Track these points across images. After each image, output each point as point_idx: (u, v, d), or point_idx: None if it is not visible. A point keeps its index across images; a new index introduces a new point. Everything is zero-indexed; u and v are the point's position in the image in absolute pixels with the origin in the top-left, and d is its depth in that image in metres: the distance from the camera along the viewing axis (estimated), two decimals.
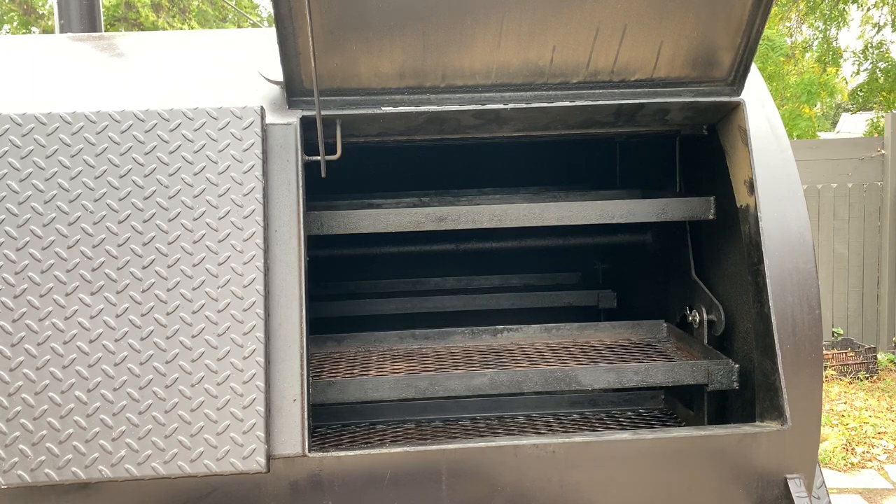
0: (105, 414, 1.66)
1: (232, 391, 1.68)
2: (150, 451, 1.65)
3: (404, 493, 1.75)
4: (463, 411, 2.47)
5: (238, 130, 1.80)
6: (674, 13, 1.81)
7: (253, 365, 1.69)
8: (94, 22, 3.15)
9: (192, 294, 1.72)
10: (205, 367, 1.69)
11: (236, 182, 1.78)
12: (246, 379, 1.69)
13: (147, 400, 1.67)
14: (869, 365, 7.25)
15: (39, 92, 2.05)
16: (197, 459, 1.66)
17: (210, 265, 1.73)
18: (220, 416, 1.67)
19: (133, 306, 1.71)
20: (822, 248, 7.69)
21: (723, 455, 1.81)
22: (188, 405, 1.67)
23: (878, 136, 8.73)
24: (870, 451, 5.63)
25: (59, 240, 1.72)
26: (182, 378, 1.68)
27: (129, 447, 1.65)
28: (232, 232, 1.76)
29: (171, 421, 1.67)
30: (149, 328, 1.70)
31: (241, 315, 1.71)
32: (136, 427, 1.66)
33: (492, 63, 1.88)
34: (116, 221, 1.74)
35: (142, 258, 1.73)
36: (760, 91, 2.13)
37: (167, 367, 1.69)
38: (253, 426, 1.67)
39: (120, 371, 1.68)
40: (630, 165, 2.94)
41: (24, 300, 1.69)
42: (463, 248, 2.92)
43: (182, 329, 1.70)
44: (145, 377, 1.68)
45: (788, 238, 1.92)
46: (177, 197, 1.76)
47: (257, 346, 1.70)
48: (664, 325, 2.47)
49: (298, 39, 1.77)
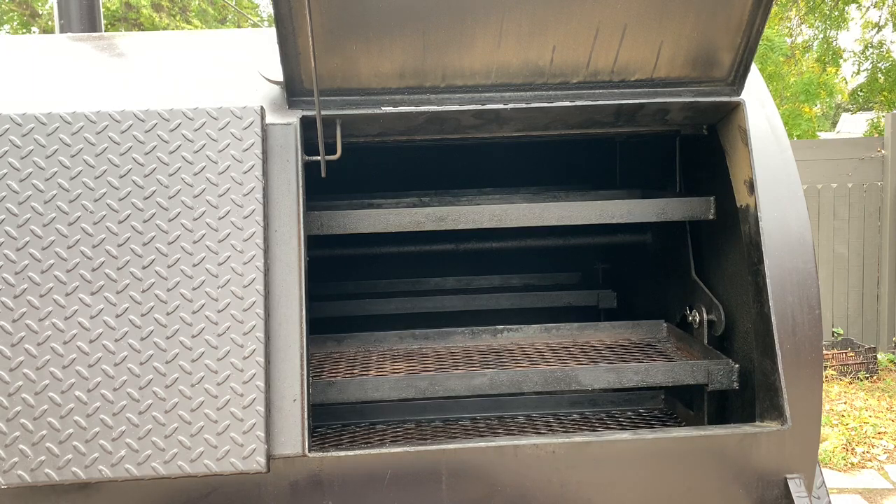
0: (105, 414, 1.66)
1: (232, 391, 1.68)
2: (150, 450, 1.65)
3: (404, 493, 1.75)
4: (463, 411, 2.47)
5: (238, 130, 1.80)
6: (674, 13, 1.81)
7: (253, 365, 1.69)
8: (94, 22, 3.15)
9: (192, 294, 1.72)
10: (205, 367, 1.69)
11: (236, 182, 1.78)
12: (246, 379, 1.68)
13: (147, 400, 1.67)
14: (869, 365, 7.25)
15: (39, 92, 2.05)
16: (197, 459, 1.65)
17: (210, 265, 1.73)
18: (220, 416, 1.67)
19: (133, 306, 1.71)
20: (822, 248, 7.69)
21: (723, 455, 1.81)
22: (188, 405, 1.67)
23: (878, 136, 8.73)
24: (870, 451, 5.63)
25: (59, 240, 1.72)
26: (182, 378, 1.68)
27: (129, 447, 1.65)
28: (232, 232, 1.75)
29: (171, 421, 1.67)
30: (149, 328, 1.70)
31: (241, 315, 1.71)
32: (136, 427, 1.66)
33: (492, 63, 1.88)
34: (116, 221, 1.74)
35: (142, 258, 1.73)
36: (760, 91, 2.13)
37: (167, 367, 1.69)
38: (253, 426, 1.67)
39: (120, 371, 1.68)
40: (630, 165, 2.94)
41: (25, 300, 1.69)
42: (463, 248, 2.92)
43: (182, 329, 1.70)
44: (145, 377, 1.68)
45: (788, 238, 1.92)
46: (177, 197, 1.76)
47: (257, 346, 1.70)
48: (664, 325, 2.47)
49: (298, 39, 1.77)
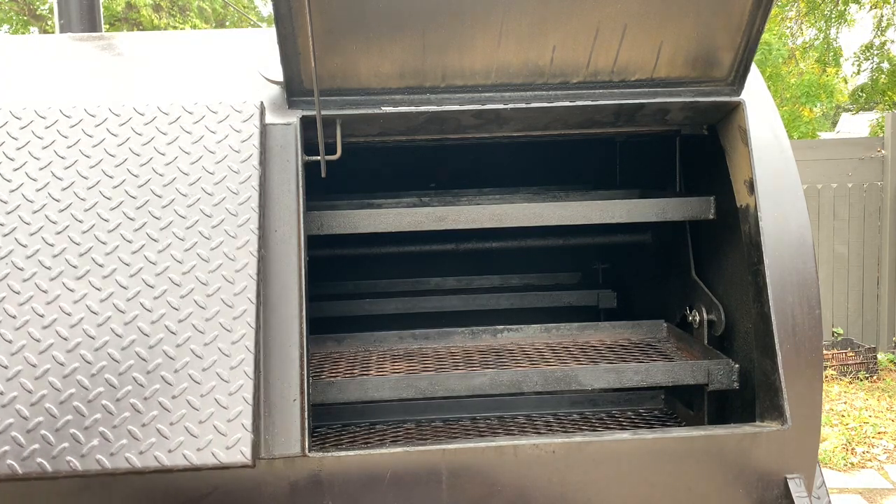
0: (79, 401, 1.56)
1: (218, 377, 1.59)
2: (125, 440, 1.54)
3: (404, 493, 1.75)
4: (463, 411, 2.47)
5: (238, 123, 1.79)
6: (674, 13, 1.80)
7: (242, 350, 1.62)
8: (94, 22, 3.15)
9: (180, 278, 1.67)
10: (190, 351, 1.61)
11: (233, 171, 1.75)
12: (234, 364, 1.60)
13: (126, 386, 1.58)
14: (869, 365, 7.25)
15: (39, 92, 2.05)
16: (176, 450, 1.55)
17: (202, 250, 1.69)
18: (204, 402, 1.57)
19: (118, 291, 1.65)
20: (822, 248, 7.69)
21: (723, 455, 1.81)
22: (169, 391, 1.58)
23: (879, 136, 8.73)
24: (870, 451, 5.63)
25: (48, 226, 1.69)
26: (165, 363, 1.60)
27: (102, 436, 1.54)
28: (226, 218, 1.72)
29: (149, 409, 1.56)
30: (133, 312, 1.64)
31: (231, 299, 1.66)
32: (111, 415, 1.56)
33: (492, 63, 1.88)
34: (108, 209, 1.71)
35: (131, 243, 1.68)
36: (760, 91, 2.12)
37: (150, 352, 1.61)
38: (239, 414, 1.56)
39: (99, 356, 1.60)
40: (630, 165, 2.94)
41: (5, 285, 1.64)
42: (463, 248, 2.92)
43: (168, 313, 1.64)
44: (125, 363, 1.60)
45: (788, 238, 1.92)
46: (171, 185, 1.73)
47: (247, 330, 1.63)
48: (664, 325, 2.47)
49: (298, 39, 1.77)
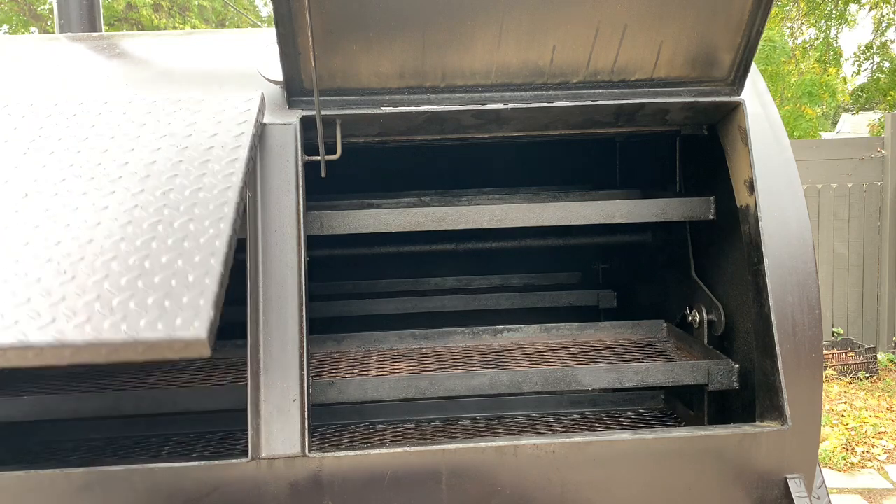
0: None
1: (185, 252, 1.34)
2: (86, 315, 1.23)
3: (404, 493, 1.75)
4: (463, 411, 2.47)
5: (237, 113, 1.76)
6: (674, 13, 1.80)
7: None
8: (94, 22, 3.15)
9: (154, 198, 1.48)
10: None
11: (223, 154, 1.64)
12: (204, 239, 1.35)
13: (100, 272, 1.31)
14: (869, 365, 7.25)
15: (39, 92, 2.05)
16: (116, 324, 1.22)
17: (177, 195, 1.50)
18: (154, 269, 1.30)
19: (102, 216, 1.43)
20: (822, 248, 7.69)
21: (723, 455, 1.81)
22: (123, 263, 1.32)
23: (878, 136, 8.74)
24: (870, 451, 5.63)
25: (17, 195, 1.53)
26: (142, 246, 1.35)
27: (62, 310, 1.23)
28: (209, 183, 1.54)
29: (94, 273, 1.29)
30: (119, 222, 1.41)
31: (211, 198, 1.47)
32: (79, 295, 1.25)
33: (492, 63, 1.88)
34: (88, 178, 1.56)
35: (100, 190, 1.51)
36: (761, 91, 2.13)
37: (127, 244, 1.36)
38: (203, 291, 1.25)
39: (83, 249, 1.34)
40: (630, 165, 2.94)
41: None
42: (463, 248, 2.93)
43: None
44: (106, 255, 1.33)
45: (788, 238, 1.92)
46: (155, 164, 1.61)
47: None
48: (664, 325, 2.47)
49: (298, 39, 1.77)
